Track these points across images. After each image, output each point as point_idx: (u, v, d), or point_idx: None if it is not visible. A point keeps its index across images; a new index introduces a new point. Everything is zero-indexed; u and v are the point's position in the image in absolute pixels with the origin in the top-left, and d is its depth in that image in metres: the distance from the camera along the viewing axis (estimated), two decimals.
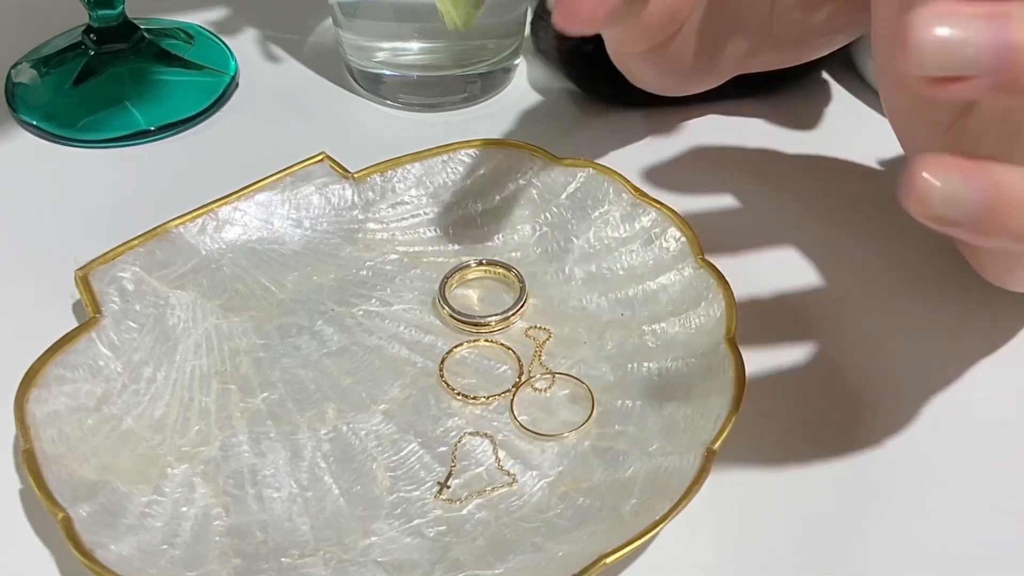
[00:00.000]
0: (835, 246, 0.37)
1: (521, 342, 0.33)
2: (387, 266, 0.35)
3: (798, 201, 0.38)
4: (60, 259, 0.35)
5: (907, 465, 0.30)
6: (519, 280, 0.35)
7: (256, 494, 0.29)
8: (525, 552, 0.28)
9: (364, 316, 0.34)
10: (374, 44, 0.42)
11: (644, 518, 0.27)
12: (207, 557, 0.28)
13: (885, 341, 0.34)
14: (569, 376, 0.32)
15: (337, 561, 0.28)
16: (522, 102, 0.43)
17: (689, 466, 0.28)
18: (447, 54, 0.42)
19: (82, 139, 0.41)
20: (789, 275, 0.36)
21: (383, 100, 0.43)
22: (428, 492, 0.30)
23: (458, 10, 0.37)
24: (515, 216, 0.37)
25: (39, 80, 0.43)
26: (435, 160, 0.37)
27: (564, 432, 0.31)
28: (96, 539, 0.27)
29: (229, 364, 0.33)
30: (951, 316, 0.34)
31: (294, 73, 0.45)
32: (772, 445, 0.31)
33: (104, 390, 0.31)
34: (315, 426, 0.31)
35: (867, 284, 0.35)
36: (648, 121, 0.41)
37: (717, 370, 0.30)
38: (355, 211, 0.36)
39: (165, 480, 0.29)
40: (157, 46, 0.44)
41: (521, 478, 0.30)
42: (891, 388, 0.32)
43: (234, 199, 0.36)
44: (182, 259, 0.34)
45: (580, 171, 0.36)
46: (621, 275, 0.35)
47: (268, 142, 0.41)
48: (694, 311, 0.32)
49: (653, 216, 0.35)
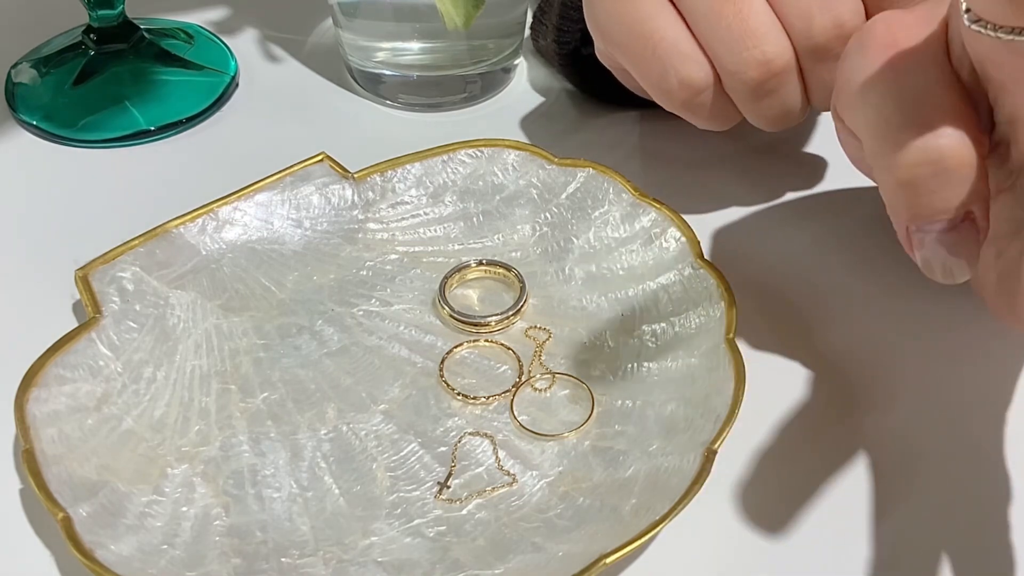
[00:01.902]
0: (835, 246, 0.37)
1: (521, 342, 0.33)
2: (387, 266, 0.35)
3: (798, 201, 0.38)
4: (60, 259, 0.35)
5: (907, 464, 0.30)
6: (519, 280, 0.35)
7: (256, 494, 0.30)
8: (525, 552, 0.28)
9: (364, 316, 0.34)
10: (374, 44, 0.42)
11: (644, 518, 0.27)
12: (207, 557, 0.28)
13: (885, 341, 0.34)
14: (569, 376, 0.32)
15: (337, 561, 0.28)
16: (522, 102, 0.43)
17: (689, 466, 0.28)
18: (447, 54, 0.42)
19: (82, 139, 0.41)
20: (789, 275, 0.36)
21: (383, 100, 0.43)
22: (428, 492, 0.30)
23: (458, 10, 0.37)
24: (515, 216, 0.37)
25: (39, 80, 0.43)
26: (435, 160, 0.37)
27: (564, 432, 0.31)
28: (96, 539, 0.27)
29: (229, 364, 0.33)
30: (951, 316, 0.34)
31: (294, 73, 0.45)
32: (772, 445, 0.31)
33: (104, 390, 0.31)
34: (315, 426, 0.31)
35: (867, 284, 0.35)
36: (648, 121, 0.41)
37: (717, 370, 0.30)
38: (355, 211, 0.36)
39: (165, 480, 0.29)
40: (157, 46, 0.44)
41: (521, 478, 0.30)
42: (891, 388, 0.32)
43: (234, 199, 0.36)
44: (182, 259, 0.34)
45: (580, 171, 0.36)
46: (621, 275, 0.35)
47: (268, 142, 0.41)
48: (694, 311, 0.32)
49: (653, 216, 0.35)
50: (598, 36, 0.36)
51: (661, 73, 0.34)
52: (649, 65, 0.34)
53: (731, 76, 0.33)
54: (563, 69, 0.42)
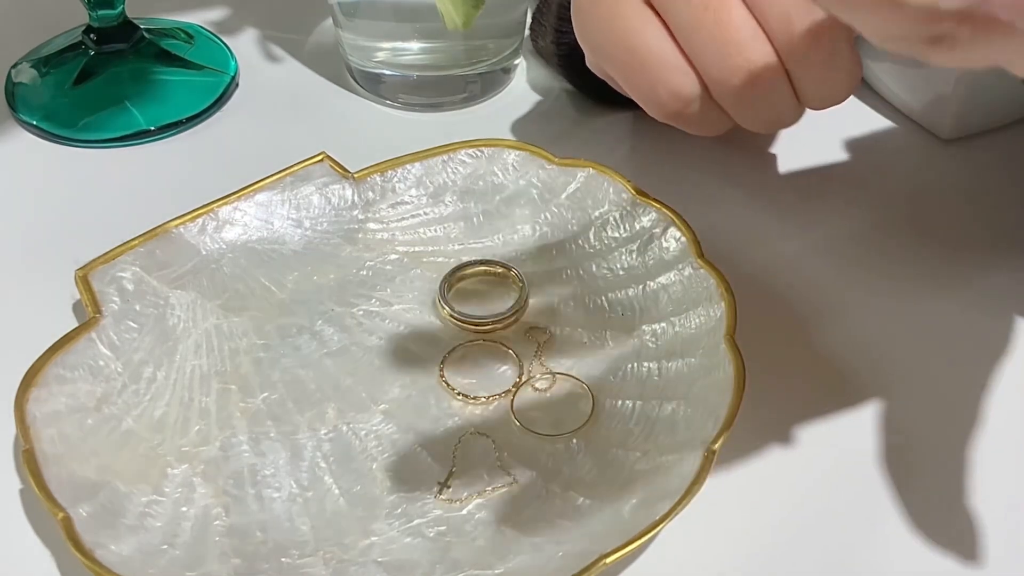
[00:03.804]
0: (835, 246, 0.37)
1: (521, 342, 0.33)
2: (387, 266, 0.35)
3: (798, 201, 0.38)
4: (60, 259, 0.35)
5: (907, 464, 0.30)
6: (519, 280, 0.35)
7: (256, 494, 0.30)
8: (525, 552, 0.28)
9: (364, 316, 0.34)
10: (374, 44, 0.42)
11: (644, 518, 0.27)
12: (207, 557, 0.28)
13: (885, 341, 0.34)
14: (569, 376, 0.32)
15: (337, 561, 0.28)
16: (522, 102, 0.43)
17: (689, 466, 0.28)
18: (447, 54, 0.42)
19: (82, 139, 0.41)
20: (789, 275, 0.36)
21: (383, 100, 0.43)
22: (428, 492, 0.30)
23: (458, 10, 0.37)
24: (515, 216, 0.37)
25: (39, 80, 0.43)
26: (435, 160, 0.37)
27: (564, 432, 0.31)
28: (96, 539, 0.27)
29: (229, 364, 0.33)
30: (951, 315, 0.34)
31: (294, 73, 0.45)
32: (772, 445, 0.31)
33: (104, 390, 0.31)
34: (315, 426, 0.31)
35: (867, 284, 0.35)
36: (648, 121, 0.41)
37: (717, 370, 0.30)
38: (355, 211, 0.36)
39: (165, 480, 0.29)
40: (157, 46, 0.44)
41: (521, 478, 0.30)
42: (891, 388, 0.32)
43: (234, 199, 0.36)
44: (182, 259, 0.34)
45: (580, 171, 0.36)
46: (621, 275, 0.35)
47: (268, 142, 0.41)
48: (694, 311, 0.32)
49: (653, 216, 0.35)
50: (588, 50, 0.36)
51: (650, 86, 0.34)
52: (638, 78, 0.34)
53: (718, 84, 0.33)
54: (562, 70, 0.42)
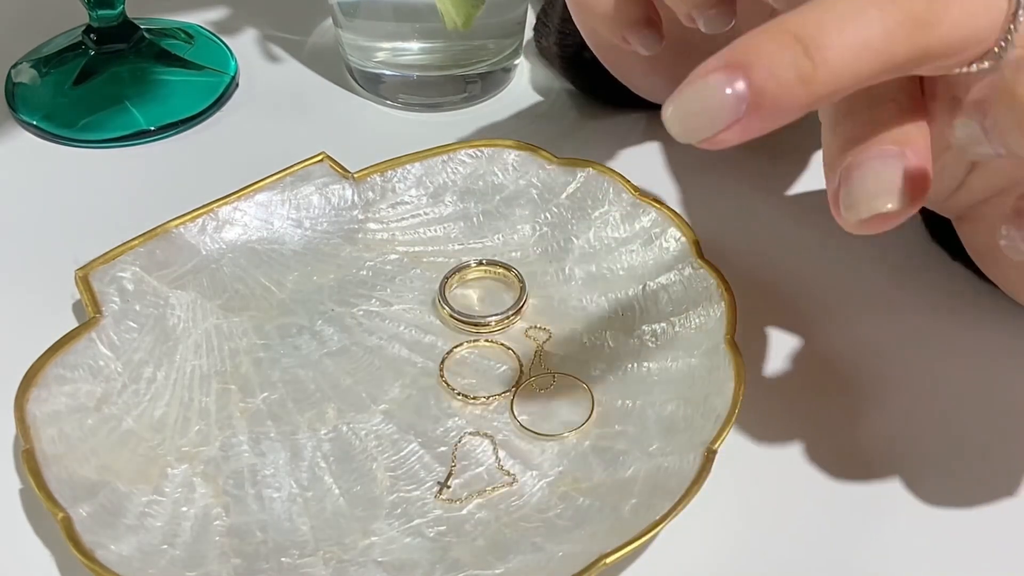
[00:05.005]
0: (835, 246, 0.37)
1: (521, 342, 0.33)
2: (387, 266, 0.35)
3: (798, 201, 0.38)
4: (60, 259, 0.35)
5: (908, 464, 0.30)
6: (519, 280, 0.35)
7: (256, 494, 0.30)
8: (525, 552, 0.28)
9: (364, 316, 0.34)
10: (374, 44, 0.42)
11: (644, 518, 0.27)
12: (207, 557, 0.28)
13: (884, 341, 0.34)
14: (569, 376, 0.32)
15: (337, 561, 0.28)
16: (522, 102, 0.43)
17: (689, 466, 0.28)
18: (447, 54, 0.42)
19: (82, 139, 0.41)
20: (789, 275, 0.36)
21: (383, 100, 0.43)
22: (428, 492, 0.30)
23: (458, 10, 0.37)
24: (515, 216, 0.37)
25: (39, 80, 0.43)
26: (435, 160, 0.37)
27: (564, 432, 0.31)
28: (96, 539, 0.27)
29: (229, 364, 0.33)
30: (952, 315, 0.34)
31: (294, 73, 0.45)
32: (772, 445, 0.31)
33: (104, 390, 0.31)
34: (315, 426, 0.31)
35: (866, 284, 0.35)
36: (648, 121, 0.41)
37: (717, 370, 0.30)
38: (355, 211, 0.36)
39: (165, 480, 0.29)
40: (157, 46, 0.44)
41: (521, 478, 0.30)
42: (891, 387, 0.32)
43: (234, 199, 0.36)
44: (182, 259, 0.34)
45: (580, 171, 0.36)
46: (621, 275, 0.35)
47: (268, 142, 0.41)
48: (694, 311, 0.32)
49: (653, 216, 0.35)
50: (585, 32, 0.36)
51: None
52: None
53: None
54: (565, 71, 0.42)
